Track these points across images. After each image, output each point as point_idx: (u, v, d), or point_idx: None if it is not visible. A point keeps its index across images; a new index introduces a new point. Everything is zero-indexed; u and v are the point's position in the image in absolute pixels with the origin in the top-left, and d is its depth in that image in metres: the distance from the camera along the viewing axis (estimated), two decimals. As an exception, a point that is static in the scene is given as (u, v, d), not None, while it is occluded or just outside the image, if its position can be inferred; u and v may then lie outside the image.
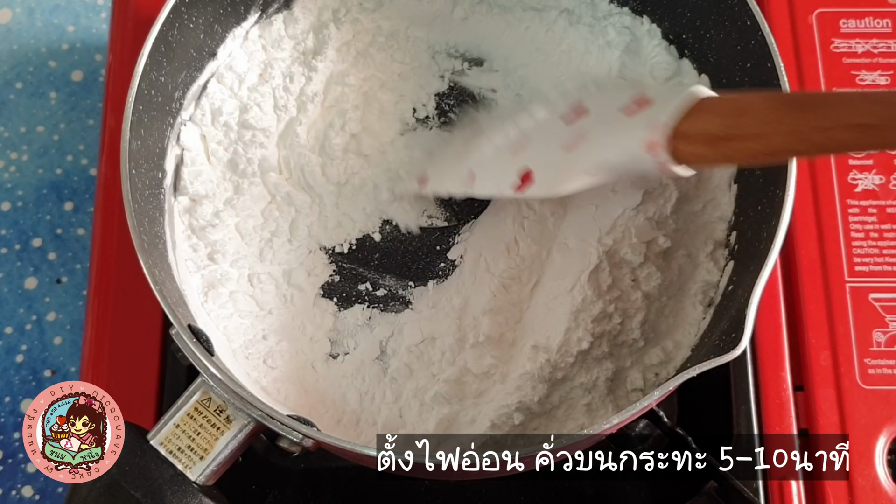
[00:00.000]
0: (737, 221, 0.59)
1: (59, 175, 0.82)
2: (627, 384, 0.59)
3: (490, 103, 0.67)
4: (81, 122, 0.84)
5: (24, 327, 0.77)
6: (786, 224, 0.52)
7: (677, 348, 0.59)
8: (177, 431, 0.50)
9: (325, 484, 0.63)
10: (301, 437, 0.49)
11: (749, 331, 0.48)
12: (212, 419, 0.50)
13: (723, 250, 0.60)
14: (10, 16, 0.87)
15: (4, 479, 0.73)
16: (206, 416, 0.50)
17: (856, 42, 0.72)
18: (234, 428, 0.50)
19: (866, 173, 0.68)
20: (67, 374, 0.76)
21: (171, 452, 0.50)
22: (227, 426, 0.50)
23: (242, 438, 0.50)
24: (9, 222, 0.80)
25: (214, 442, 0.50)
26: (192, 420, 0.50)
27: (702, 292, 0.59)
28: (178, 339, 0.49)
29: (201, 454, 0.50)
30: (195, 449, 0.50)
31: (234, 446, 0.50)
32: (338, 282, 0.63)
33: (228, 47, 0.64)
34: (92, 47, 0.86)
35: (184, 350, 0.49)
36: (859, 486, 0.60)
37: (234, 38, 0.64)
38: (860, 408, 0.62)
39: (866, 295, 0.65)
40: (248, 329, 0.60)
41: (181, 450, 0.50)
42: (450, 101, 0.67)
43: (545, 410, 0.58)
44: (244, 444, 0.50)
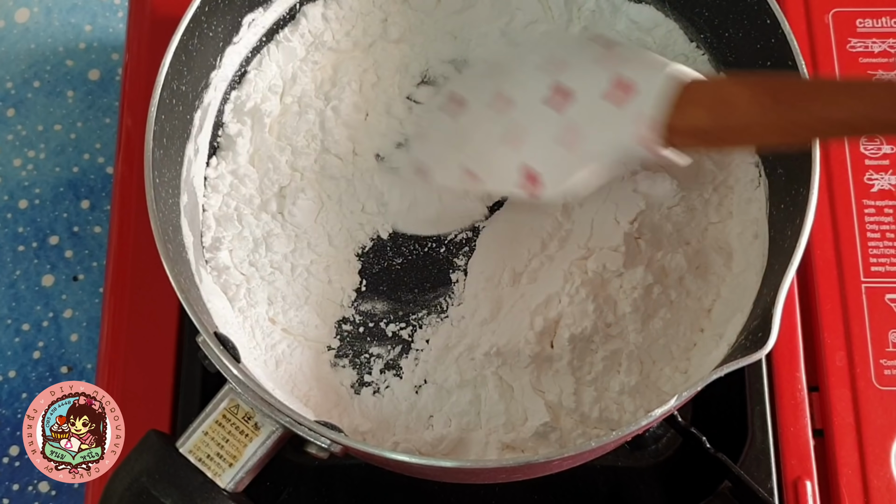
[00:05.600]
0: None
1: (75, 173, 0.82)
2: (658, 384, 0.58)
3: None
4: (98, 120, 0.84)
5: (41, 324, 0.78)
6: (810, 222, 0.52)
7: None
8: (205, 439, 0.50)
9: (340, 481, 0.63)
10: (329, 443, 0.49)
11: (776, 329, 0.48)
12: (240, 426, 0.50)
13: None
14: (27, 15, 0.87)
15: (21, 474, 0.73)
16: (235, 423, 0.50)
17: (872, 42, 0.71)
18: (262, 435, 0.50)
19: (882, 173, 0.68)
20: (84, 371, 0.76)
21: (200, 460, 0.49)
22: (255, 433, 0.50)
23: (271, 445, 0.50)
24: (26, 220, 0.81)
25: (243, 449, 0.50)
26: (220, 427, 0.50)
27: None
28: (204, 347, 0.49)
29: (230, 461, 0.50)
30: (224, 456, 0.50)
31: (262, 453, 0.50)
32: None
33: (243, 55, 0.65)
34: (109, 46, 0.86)
35: (211, 358, 0.49)
36: (874, 486, 0.60)
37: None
38: (876, 408, 0.62)
39: (882, 295, 0.65)
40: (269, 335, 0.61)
41: (210, 457, 0.50)
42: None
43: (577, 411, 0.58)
44: (273, 450, 0.50)
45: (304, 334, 0.61)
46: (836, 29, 0.71)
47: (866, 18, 0.72)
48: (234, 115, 0.64)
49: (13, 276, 0.79)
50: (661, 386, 0.58)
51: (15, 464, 0.74)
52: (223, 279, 0.60)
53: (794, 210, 0.54)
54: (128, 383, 0.63)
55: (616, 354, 0.58)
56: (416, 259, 0.64)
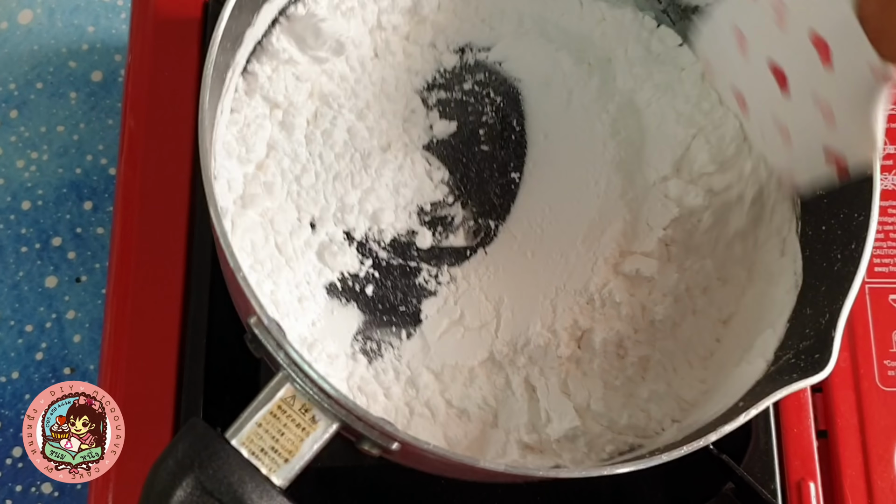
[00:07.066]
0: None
1: (78, 174, 0.82)
2: (680, 392, 0.58)
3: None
4: (101, 122, 0.84)
5: (44, 325, 0.78)
6: (870, 247, 0.52)
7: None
8: (259, 431, 0.46)
9: (342, 483, 0.63)
10: (388, 441, 0.45)
11: (836, 352, 0.48)
12: (296, 419, 0.46)
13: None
14: (30, 17, 0.88)
15: (25, 475, 0.73)
16: (291, 414, 0.46)
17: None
18: (320, 428, 0.46)
19: (886, 174, 0.68)
20: (86, 372, 0.76)
21: (253, 454, 0.45)
22: (312, 427, 0.46)
23: (327, 439, 0.46)
24: (29, 221, 0.81)
25: (300, 443, 0.46)
26: (275, 419, 0.46)
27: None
28: (258, 329, 0.45)
29: (286, 457, 0.45)
30: (279, 451, 0.46)
31: (318, 448, 0.46)
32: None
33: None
34: (112, 48, 0.86)
35: (265, 341, 0.45)
36: (878, 487, 0.60)
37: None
38: (879, 409, 0.62)
39: (886, 296, 0.65)
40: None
41: (264, 451, 0.45)
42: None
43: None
44: (326, 445, 0.46)
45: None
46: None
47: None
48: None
49: (16, 277, 0.79)
50: (683, 395, 0.58)
51: (18, 465, 0.74)
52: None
53: (843, 233, 0.54)
54: (130, 384, 0.63)
55: (644, 361, 0.59)
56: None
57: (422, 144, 0.65)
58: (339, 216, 0.62)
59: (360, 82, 0.64)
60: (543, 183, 0.65)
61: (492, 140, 0.67)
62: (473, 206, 0.65)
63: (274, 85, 0.62)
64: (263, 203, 0.60)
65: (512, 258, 0.63)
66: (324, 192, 0.62)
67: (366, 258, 0.62)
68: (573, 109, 0.66)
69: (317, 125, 0.63)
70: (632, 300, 0.59)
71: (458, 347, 0.60)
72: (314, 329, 0.59)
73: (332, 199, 0.62)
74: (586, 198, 0.63)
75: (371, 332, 0.61)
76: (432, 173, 0.65)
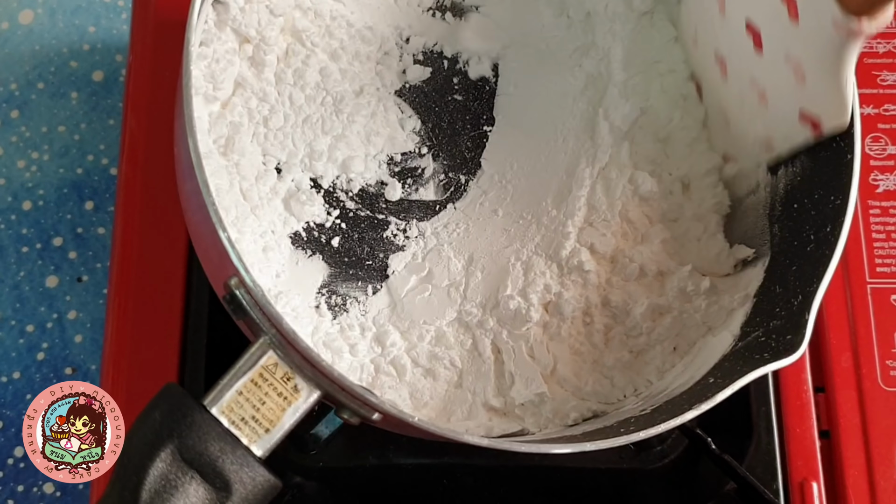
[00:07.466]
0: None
1: (79, 174, 0.82)
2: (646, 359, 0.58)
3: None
4: (102, 122, 0.84)
5: (45, 325, 0.78)
6: (846, 232, 0.52)
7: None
8: (239, 399, 0.44)
9: (344, 482, 0.63)
10: (369, 411, 0.43)
11: (808, 336, 0.48)
12: (278, 387, 0.44)
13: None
14: (31, 17, 0.87)
15: (26, 475, 0.73)
16: (272, 383, 0.44)
17: (877, 42, 0.71)
18: (301, 397, 0.44)
19: (888, 174, 0.68)
20: (88, 372, 0.76)
21: (234, 423, 0.43)
22: (294, 396, 0.44)
23: (307, 409, 0.45)
24: (30, 221, 0.81)
25: (282, 413, 0.44)
26: (256, 387, 0.44)
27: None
28: (239, 290, 0.43)
29: (267, 426, 0.44)
30: (260, 421, 0.44)
31: (298, 418, 0.44)
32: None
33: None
34: (113, 48, 0.86)
35: (246, 303, 0.43)
36: (881, 488, 0.60)
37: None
38: (882, 409, 0.62)
39: (888, 296, 0.65)
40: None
41: (245, 420, 0.44)
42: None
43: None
44: (306, 415, 0.45)
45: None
46: (841, 29, 0.71)
47: (871, 19, 0.72)
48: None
49: (17, 277, 0.79)
50: (647, 364, 0.58)
51: (20, 465, 0.74)
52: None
53: (817, 214, 0.54)
54: (132, 384, 0.63)
55: (608, 328, 0.58)
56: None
57: (394, 90, 0.64)
58: (307, 162, 0.61)
59: (335, 20, 0.63)
60: (510, 137, 0.64)
61: (465, 90, 0.66)
62: (444, 159, 0.64)
63: (246, 17, 0.60)
64: (229, 146, 0.58)
65: (483, 215, 0.62)
66: (292, 136, 0.60)
67: (333, 208, 0.61)
68: (547, 63, 0.65)
69: (288, 63, 0.61)
70: (598, 269, 0.59)
71: (426, 306, 0.59)
72: (278, 281, 0.58)
73: (300, 144, 0.60)
74: (554, 155, 0.63)
75: (336, 286, 0.60)
76: (404, 122, 0.64)
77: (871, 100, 0.70)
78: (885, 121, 0.70)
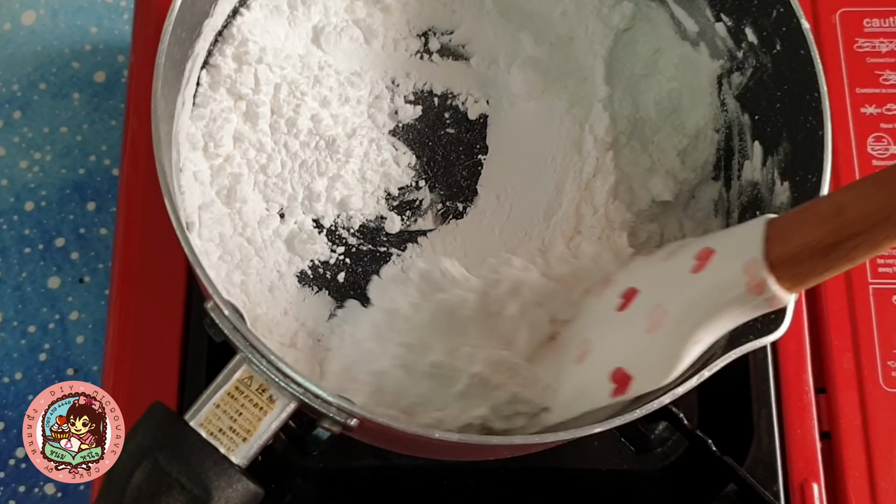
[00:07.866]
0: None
1: (81, 175, 0.82)
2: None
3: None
4: (104, 122, 0.84)
5: (47, 326, 0.78)
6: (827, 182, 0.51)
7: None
8: (217, 412, 0.47)
9: (344, 484, 0.63)
10: (346, 417, 0.46)
11: (791, 314, 0.47)
12: (254, 399, 0.47)
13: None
14: (33, 17, 0.88)
15: (27, 476, 0.74)
16: (248, 395, 0.47)
17: (880, 42, 0.71)
18: (277, 408, 0.47)
19: (890, 174, 0.68)
20: (90, 373, 0.76)
21: (212, 434, 0.46)
22: (270, 406, 0.47)
23: (284, 418, 0.47)
24: (32, 222, 0.81)
25: (258, 423, 0.47)
26: (232, 400, 0.47)
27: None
28: (215, 313, 0.46)
29: (244, 436, 0.47)
30: (237, 430, 0.47)
31: (276, 427, 0.47)
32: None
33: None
34: (114, 48, 0.87)
35: (221, 324, 0.46)
36: (882, 489, 0.60)
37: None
38: (883, 410, 0.62)
39: (890, 297, 0.65)
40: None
41: (223, 431, 0.47)
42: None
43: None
44: (285, 424, 0.48)
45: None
46: (844, 29, 0.71)
47: (874, 18, 0.72)
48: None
49: (19, 277, 0.79)
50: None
51: (21, 465, 0.74)
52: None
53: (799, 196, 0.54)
54: (133, 385, 0.63)
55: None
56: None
57: (387, 130, 0.66)
58: (308, 204, 0.63)
59: (322, 69, 0.65)
60: (504, 162, 0.66)
61: (457, 123, 0.68)
62: (441, 189, 0.66)
63: (240, 76, 0.63)
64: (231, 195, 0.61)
65: (482, 233, 0.64)
66: (290, 180, 0.63)
67: (337, 245, 0.63)
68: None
69: (280, 114, 0.64)
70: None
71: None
72: (286, 318, 0.60)
73: (299, 188, 0.63)
74: (545, 172, 0.65)
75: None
76: (399, 158, 0.66)
77: (874, 100, 0.70)
78: (887, 120, 0.69)
